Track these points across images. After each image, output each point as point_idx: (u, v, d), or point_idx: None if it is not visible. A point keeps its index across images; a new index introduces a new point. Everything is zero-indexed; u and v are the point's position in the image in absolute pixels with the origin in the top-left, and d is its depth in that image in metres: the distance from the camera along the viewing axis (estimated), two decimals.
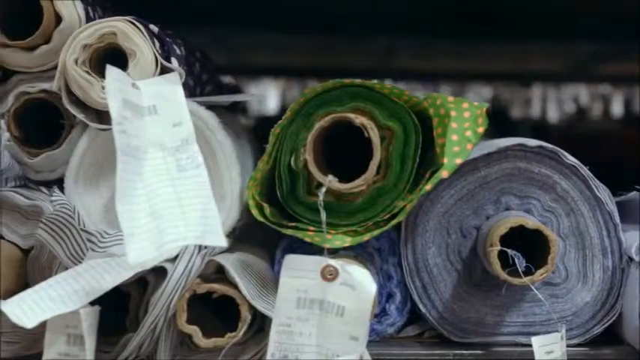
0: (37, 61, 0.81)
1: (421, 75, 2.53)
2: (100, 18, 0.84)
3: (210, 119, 0.80)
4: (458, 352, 0.81)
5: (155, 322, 0.73)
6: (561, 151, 0.81)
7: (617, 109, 2.32)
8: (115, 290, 0.73)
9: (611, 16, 1.54)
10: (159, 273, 0.76)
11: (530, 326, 0.82)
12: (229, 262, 0.75)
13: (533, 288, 0.77)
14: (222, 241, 0.68)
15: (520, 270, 0.75)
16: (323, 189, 0.73)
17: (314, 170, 0.74)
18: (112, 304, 0.75)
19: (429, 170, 0.78)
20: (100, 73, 0.79)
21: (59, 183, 0.84)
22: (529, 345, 0.80)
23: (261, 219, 0.79)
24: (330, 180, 0.73)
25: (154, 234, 0.67)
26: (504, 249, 0.76)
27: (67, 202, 0.78)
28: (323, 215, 0.73)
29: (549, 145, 0.81)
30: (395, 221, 0.78)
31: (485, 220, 0.82)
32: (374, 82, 0.79)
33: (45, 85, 0.82)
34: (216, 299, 0.75)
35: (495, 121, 0.93)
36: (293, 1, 1.52)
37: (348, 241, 0.77)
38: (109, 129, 0.79)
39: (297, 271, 0.71)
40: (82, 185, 0.81)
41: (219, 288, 0.74)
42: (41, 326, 0.77)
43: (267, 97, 2.65)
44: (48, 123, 0.85)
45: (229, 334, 0.73)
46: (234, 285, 0.75)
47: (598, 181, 0.81)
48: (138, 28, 0.78)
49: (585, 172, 0.81)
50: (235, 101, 1.00)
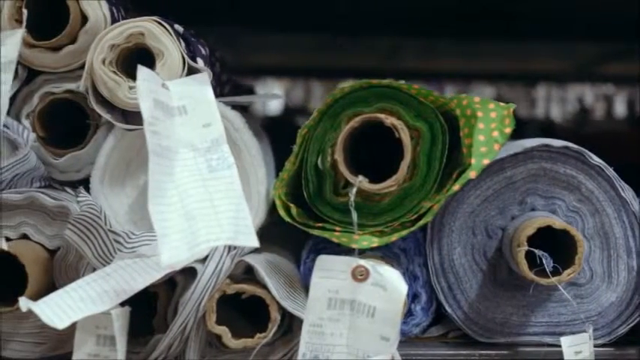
0: (62, 62, 0.81)
1: (425, 75, 2.54)
2: (124, 18, 0.84)
3: (237, 119, 0.80)
4: (484, 352, 0.81)
5: (185, 322, 0.73)
6: (587, 152, 0.81)
7: (621, 109, 2.33)
8: (140, 290, 0.73)
9: (616, 17, 1.54)
10: (187, 273, 0.76)
11: (556, 326, 0.82)
12: (258, 263, 0.75)
13: (560, 288, 0.77)
14: (255, 242, 0.67)
15: (548, 270, 0.75)
16: (354, 189, 0.73)
17: (344, 170, 0.74)
18: (135, 304, 0.75)
19: (455, 171, 0.78)
20: (127, 73, 0.79)
21: (84, 183, 0.84)
22: (555, 345, 0.81)
23: (289, 219, 0.79)
24: (361, 180, 0.73)
25: (186, 235, 0.66)
26: (532, 249, 0.76)
27: (94, 202, 0.78)
28: (354, 216, 0.73)
29: (575, 146, 0.81)
30: (422, 222, 0.78)
31: (511, 221, 0.82)
32: (401, 82, 0.79)
33: (70, 86, 0.82)
34: (242, 300, 0.75)
35: None
36: (296, 1, 1.52)
37: (375, 242, 0.77)
38: (135, 129, 0.79)
39: (329, 272, 0.71)
40: (108, 185, 0.81)
41: (248, 288, 0.74)
42: (68, 327, 0.77)
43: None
44: (72, 123, 0.85)
45: (259, 334, 0.73)
46: (262, 285, 0.75)
47: (623, 182, 0.82)
48: (165, 28, 0.78)
49: (610, 172, 0.81)
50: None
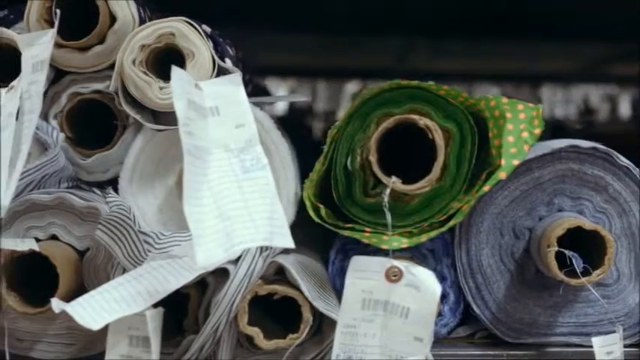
0: (90, 62, 0.81)
1: (430, 75, 2.53)
2: (150, 18, 0.84)
3: (266, 120, 0.80)
4: (511, 352, 0.81)
5: (217, 323, 0.73)
6: (615, 153, 0.81)
7: (626, 110, 2.34)
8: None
9: (621, 18, 1.55)
10: (219, 274, 0.76)
11: (583, 327, 0.82)
12: (289, 264, 0.75)
13: (590, 288, 0.77)
14: (290, 243, 0.67)
15: (578, 271, 0.76)
16: (387, 190, 0.73)
17: (378, 171, 0.74)
18: (163, 304, 0.75)
19: (483, 171, 0.79)
20: (156, 73, 0.79)
21: (111, 184, 0.84)
22: (582, 345, 0.81)
23: (318, 220, 0.79)
24: (394, 181, 0.73)
25: (221, 236, 0.66)
26: (562, 250, 0.76)
27: (124, 203, 0.78)
28: (388, 216, 0.73)
29: (602, 147, 0.82)
30: (452, 222, 0.78)
31: (538, 221, 0.82)
32: (430, 83, 0.80)
33: (98, 86, 0.82)
34: (268, 300, 0.75)
35: None
36: (303, 1, 1.52)
37: (405, 243, 0.77)
38: (165, 129, 0.79)
39: (363, 272, 0.71)
40: (137, 186, 0.81)
41: (280, 289, 0.74)
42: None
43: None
44: (99, 123, 0.85)
45: (291, 335, 0.73)
46: (294, 286, 0.74)
47: None
48: (195, 28, 0.78)
49: (638, 173, 0.82)
50: None
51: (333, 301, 0.76)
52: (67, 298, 0.75)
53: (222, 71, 0.79)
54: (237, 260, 0.74)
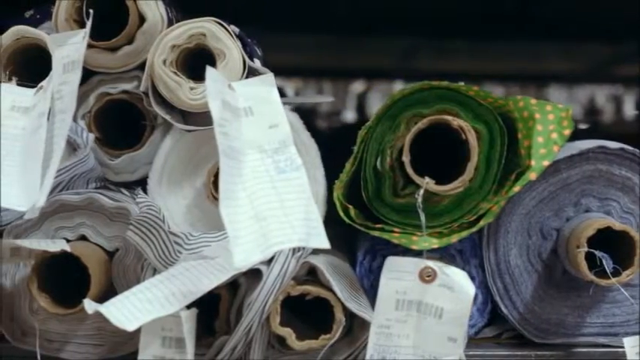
0: (118, 62, 0.81)
1: (436, 75, 2.53)
2: (176, 18, 0.84)
3: (295, 121, 0.80)
4: (539, 353, 0.81)
5: (250, 324, 0.73)
6: None
7: (631, 110, 2.34)
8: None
9: (627, 18, 1.55)
10: (250, 275, 0.76)
11: (610, 327, 0.82)
12: (321, 264, 0.75)
13: (621, 289, 0.77)
14: (326, 243, 0.67)
15: (608, 271, 0.76)
16: (421, 191, 0.73)
17: (411, 172, 0.74)
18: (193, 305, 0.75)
19: (512, 172, 0.79)
20: (185, 73, 0.78)
21: (139, 184, 0.84)
22: (609, 346, 0.81)
23: (348, 220, 0.79)
24: (428, 182, 0.73)
25: (258, 236, 0.66)
26: (592, 250, 0.76)
27: (153, 203, 0.77)
28: (422, 217, 0.73)
29: (630, 148, 0.82)
30: (482, 223, 0.78)
31: (566, 222, 0.82)
32: (460, 84, 0.80)
33: (126, 86, 0.82)
34: (295, 301, 0.75)
35: None
36: (309, 1, 1.52)
37: (435, 243, 0.77)
38: (195, 130, 0.79)
39: (397, 273, 0.71)
40: (166, 187, 0.81)
41: (313, 290, 0.74)
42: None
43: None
44: (124, 124, 0.85)
45: (323, 336, 0.73)
46: (326, 287, 0.74)
47: None
48: (225, 28, 0.78)
49: None
50: None
51: (364, 302, 0.76)
52: (97, 299, 0.75)
53: (251, 71, 0.79)
54: (269, 261, 0.74)
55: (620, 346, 0.79)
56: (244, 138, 0.71)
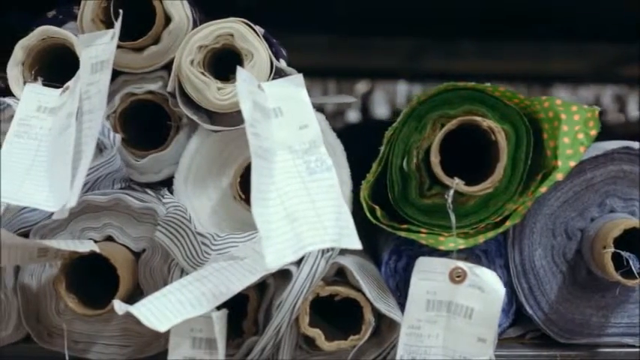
0: (144, 62, 0.81)
1: (441, 76, 2.54)
2: (200, 19, 0.84)
3: (321, 121, 0.80)
4: (565, 353, 0.81)
5: (280, 325, 0.73)
6: None
7: (635, 110, 2.35)
8: None
9: (633, 19, 1.55)
10: (278, 276, 0.76)
11: (635, 327, 0.83)
12: (350, 265, 0.75)
13: None
14: (358, 244, 0.67)
15: (635, 271, 0.76)
16: (450, 192, 0.73)
17: (440, 173, 0.74)
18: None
19: (537, 173, 0.79)
20: (212, 74, 0.78)
21: (163, 185, 0.83)
22: (634, 346, 0.81)
23: (374, 221, 0.79)
24: (457, 182, 0.73)
25: (290, 237, 0.66)
26: (618, 251, 0.76)
27: (180, 204, 0.77)
28: (452, 218, 0.73)
29: None
30: (509, 223, 0.78)
31: (590, 222, 0.82)
32: (486, 85, 0.80)
33: (151, 86, 0.82)
34: (322, 302, 0.75)
35: None
36: (315, 1, 1.52)
37: (462, 243, 0.78)
38: (223, 130, 0.79)
39: (427, 273, 0.71)
40: (192, 187, 0.81)
41: (342, 290, 0.74)
42: (152, 330, 0.77)
43: None
44: (147, 124, 0.85)
45: (352, 336, 0.73)
46: (355, 287, 0.75)
47: None
48: (252, 29, 0.78)
49: None
50: None
51: (392, 302, 0.76)
52: (124, 299, 0.75)
53: (277, 72, 0.79)
54: (299, 261, 0.74)
55: None
56: (274, 139, 0.71)
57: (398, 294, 0.81)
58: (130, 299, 0.77)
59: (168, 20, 0.79)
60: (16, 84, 0.79)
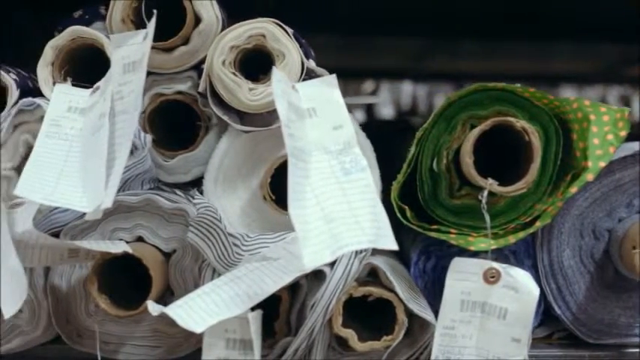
0: (173, 63, 0.80)
1: (447, 76, 2.55)
2: (226, 19, 0.84)
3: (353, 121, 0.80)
4: (594, 353, 0.81)
5: (313, 325, 0.73)
6: None
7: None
8: None
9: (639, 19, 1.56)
10: (311, 276, 0.76)
11: None
12: (382, 265, 0.75)
13: None
14: (394, 244, 0.67)
15: None
16: (485, 192, 0.73)
17: (474, 173, 0.74)
18: None
19: (565, 173, 0.79)
20: (242, 74, 0.78)
21: (190, 185, 0.83)
22: None
23: (405, 221, 0.79)
24: (491, 183, 0.73)
25: (327, 237, 0.66)
26: None
27: (211, 204, 0.77)
28: (487, 218, 0.73)
29: None
30: (539, 224, 0.78)
31: (618, 223, 0.82)
32: (516, 85, 0.80)
33: (180, 87, 0.81)
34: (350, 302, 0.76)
35: None
36: (322, 2, 1.52)
37: (492, 244, 0.78)
38: (254, 131, 0.79)
39: (462, 274, 0.71)
40: (222, 188, 0.81)
41: (375, 291, 0.74)
42: (182, 331, 0.77)
43: None
44: (174, 124, 0.85)
45: (385, 337, 0.73)
46: (387, 288, 0.75)
47: None
48: (283, 29, 0.78)
49: None
50: None
51: (423, 303, 0.76)
52: (156, 300, 0.75)
53: (307, 72, 0.79)
54: (332, 262, 0.74)
55: None
56: (309, 139, 0.71)
57: (426, 294, 0.81)
58: (160, 300, 0.77)
59: (197, 20, 0.79)
60: (46, 84, 0.79)
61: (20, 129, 0.79)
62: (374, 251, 0.82)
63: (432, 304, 0.78)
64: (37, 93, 0.80)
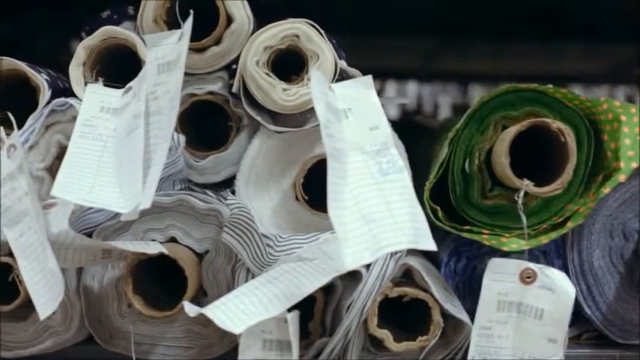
0: (204, 63, 0.80)
1: (455, 76, 2.55)
2: (255, 20, 0.84)
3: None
4: (625, 353, 0.82)
5: (349, 326, 0.73)
6: None
7: None
8: None
9: None
10: (345, 277, 0.75)
11: None
12: (417, 265, 0.75)
13: None
14: (433, 245, 0.67)
15: None
16: (521, 193, 0.74)
17: (510, 174, 0.74)
18: None
19: (597, 174, 0.79)
20: (275, 75, 0.78)
21: (222, 185, 0.83)
22: None
23: (437, 222, 0.79)
24: (527, 184, 0.74)
25: (367, 238, 0.66)
26: None
27: (244, 205, 0.77)
28: (524, 219, 0.74)
29: None
30: (571, 224, 0.78)
31: None
32: (548, 86, 0.80)
33: (211, 87, 0.81)
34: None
35: None
36: (330, 2, 1.51)
37: (524, 244, 0.78)
38: (287, 131, 0.79)
39: (499, 275, 0.71)
40: (253, 188, 0.81)
41: (411, 291, 0.74)
42: (215, 331, 0.77)
43: None
44: (205, 125, 0.84)
45: (420, 337, 0.74)
46: (422, 288, 0.75)
47: None
48: (317, 30, 0.78)
49: None
50: None
51: (457, 303, 0.76)
52: (192, 301, 0.75)
53: (340, 73, 0.79)
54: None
55: None
56: (347, 140, 0.71)
57: (457, 294, 0.81)
58: (193, 300, 0.77)
59: (229, 21, 0.79)
60: (78, 84, 0.79)
61: (52, 129, 0.78)
62: (409, 252, 0.82)
63: (462, 304, 0.79)
64: (68, 93, 0.80)
